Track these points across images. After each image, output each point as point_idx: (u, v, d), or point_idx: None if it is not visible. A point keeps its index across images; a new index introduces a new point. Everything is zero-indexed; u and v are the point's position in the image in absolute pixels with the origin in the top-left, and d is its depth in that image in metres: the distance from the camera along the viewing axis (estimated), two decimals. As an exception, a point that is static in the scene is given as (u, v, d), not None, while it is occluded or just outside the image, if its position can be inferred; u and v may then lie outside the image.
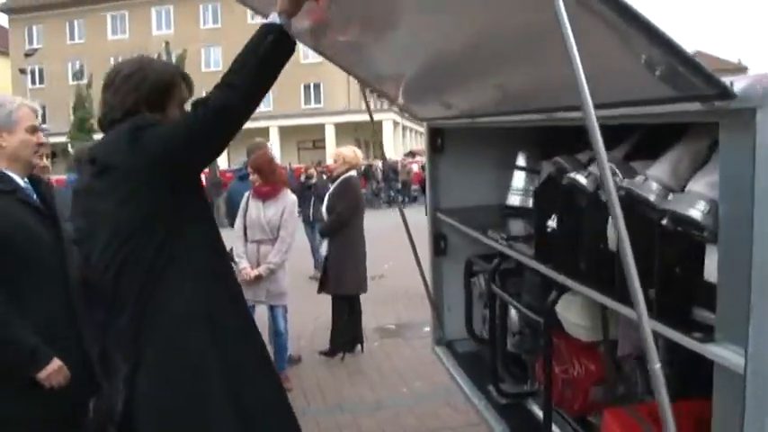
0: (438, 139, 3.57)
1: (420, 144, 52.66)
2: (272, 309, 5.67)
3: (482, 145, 3.61)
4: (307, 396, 5.56)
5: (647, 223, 1.61)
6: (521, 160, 3.45)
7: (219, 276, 2.26)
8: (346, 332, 6.47)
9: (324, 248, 6.43)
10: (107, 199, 2.15)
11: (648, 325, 1.22)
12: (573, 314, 2.37)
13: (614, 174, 1.76)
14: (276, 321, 5.69)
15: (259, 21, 2.16)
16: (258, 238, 5.46)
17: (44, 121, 27.75)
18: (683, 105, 1.33)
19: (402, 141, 47.24)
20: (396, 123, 45.98)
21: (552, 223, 2.20)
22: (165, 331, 2.13)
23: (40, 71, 44.80)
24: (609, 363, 2.41)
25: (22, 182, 2.69)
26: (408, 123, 52.80)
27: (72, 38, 47.29)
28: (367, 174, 26.26)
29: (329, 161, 33.25)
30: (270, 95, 44.41)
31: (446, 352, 3.68)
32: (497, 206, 3.57)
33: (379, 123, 43.41)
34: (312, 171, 11.46)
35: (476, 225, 3.22)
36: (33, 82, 42.14)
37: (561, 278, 2.10)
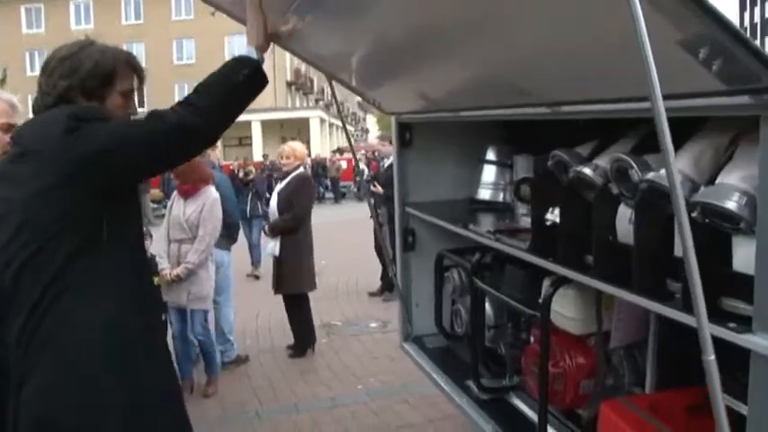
0: (406, 134, 3.53)
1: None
2: (191, 312, 5.34)
3: (450, 139, 3.59)
4: (259, 397, 5.44)
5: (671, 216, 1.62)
6: (490, 154, 3.44)
7: (136, 303, 2.02)
8: (306, 327, 6.37)
9: (271, 247, 6.23)
10: (23, 186, 1.91)
11: (706, 321, 1.21)
12: (565, 307, 2.37)
13: (630, 167, 1.75)
14: (193, 327, 5.39)
15: (182, 18, 2.12)
16: (179, 237, 5.23)
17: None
18: (729, 99, 1.32)
19: (329, 138, 47.08)
20: (322, 120, 45.84)
21: (552, 216, 2.19)
22: (62, 354, 1.89)
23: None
24: (601, 355, 2.43)
25: None
26: (335, 121, 52.67)
27: (-17, 31, 45.17)
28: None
29: (256, 158, 33.01)
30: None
31: (415, 348, 3.65)
32: (465, 200, 3.56)
33: (306, 120, 43.18)
34: (251, 167, 11.14)
35: (447, 219, 3.20)
36: None
37: (563, 271, 2.09)
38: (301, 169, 6.30)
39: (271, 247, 6.24)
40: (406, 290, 3.67)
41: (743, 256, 1.47)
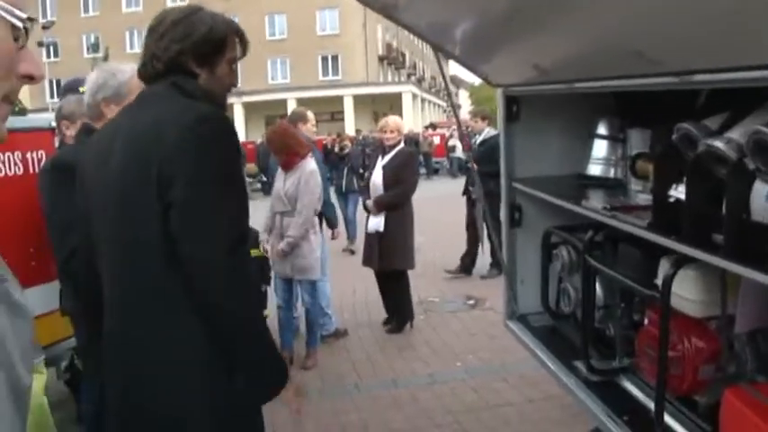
0: (513, 107, 3.43)
1: (439, 116, 52.34)
2: (299, 283, 5.56)
3: (557, 113, 3.47)
4: (358, 371, 5.50)
5: None
6: (601, 128, 3.31)
7: None
8: (405, 303, 6.37)
9: (375, 223, 6.14)
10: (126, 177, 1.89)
11: None
12: (686, 289, 2.26)
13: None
14: (302, 296, 5.62)
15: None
16: (280, 209, 5.38)
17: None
18: None
19: (421, 114, 46.93)
20: (414, 96, 45.80)
21: (676, 193, 2.08)
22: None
23: (55, 45, 44.69)
24: (723, 340, 2.30)
25: None
26: (427, 96, 52.56)
27: (86, 11, 47.11)
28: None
29: (349, 132, 33.22)
30: (287, 67, 44.47)
31: (520, 326, 3.57)
32: (573, 176, 3.45)
33: (398, 95, 43.20)
34: (347, 141, 11.18)
35: (555, 195, 3.11)
36: (48, 56, 41.90)
37: (687, 250, 1.98)
38: (403, 144, 6.26)
39: (375, 222, 6.13)
40: (512, 267, 3.59)
41: None
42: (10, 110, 0.93)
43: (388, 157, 6.19)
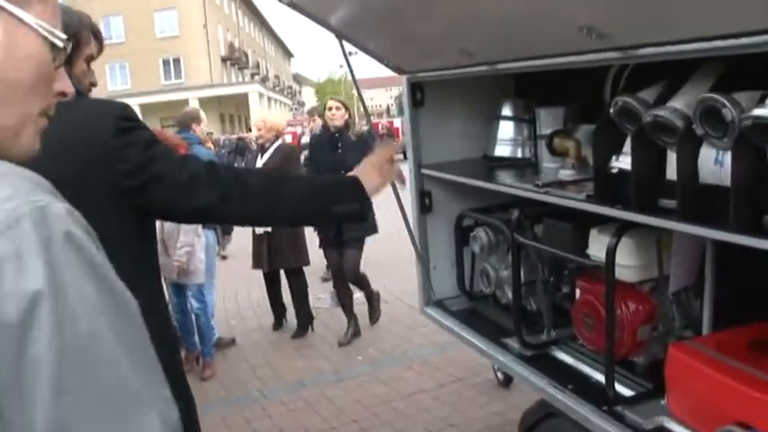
0: (417, 93, 3.44)
1: (287, 115, 52.10)
2: (185, 287, 5.40)
3: (459, 98, 3.52)
4: (260, 377, 5.34)
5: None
6: (506, 110, 3.39)
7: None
8: (306, 304, 6.24)
9: None
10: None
11: None
12: (625, 256, 2.35)
13: (723, 106, 1.72)
14: (189, 301, 5.46)
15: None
16: None
17: None
18: None
19: (269, 112, 46.43)
20: (261, 95, 45.24)
21: (618, 164, 2.16)
22: None
23: None
24: (660, 301, 2.42)
25: None
26: (273, 95, 52.11)
27: None
28: (239, 148, 25.75)
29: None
30: (126, 72, 42.58)
31: (439, 312, 3.58)
32: (480, 159, 3.52)
33: (245, 95, 42.55)
34: (209, 144, 10.67)
35: (470, 177, 3.15)
36: None
37: (637, 217, 2.05)
38: (280, 140, 6.13)
39: None
40: (425, 254, 3.60)
41: None
42: (46, 124, 0.98)
43: (267, 155, 6.06)
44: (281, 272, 6.21)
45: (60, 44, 0.94)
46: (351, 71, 3.37)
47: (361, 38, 3.20)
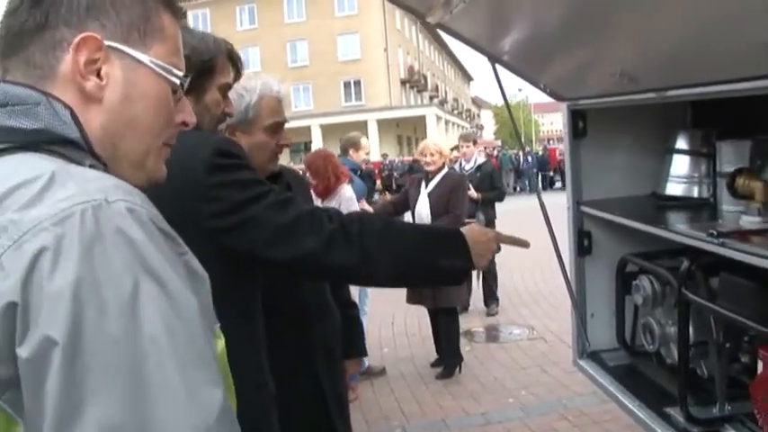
0: (579, 123, 3.10)
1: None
2: None
3: (626, 127, 3.15)
4: (405, 411, 5.11)
5: None
6: (681, 142, 2.97)
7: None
8: (455, 344, 5.91)
9: None
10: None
11: None
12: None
13: None
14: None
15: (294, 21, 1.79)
16: None
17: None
18: None
19: (445, 135, 46.70)
20: (438, 117, 45.64)
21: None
22: None
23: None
24: None
25: None
26: (450, 117, 52.44)
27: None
28: (412, 170, 25.93)
29: (373, 158, 32.93)
30: (310, 94, 44.55)
31: (593, 365, 3.20)
32: (648, 197, 3.11)
33: (422, 118, 43.06)
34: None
35: (634, 218, 2.76)
36: None
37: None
38: (447, 168, 5.85)
39: None
40: (581, 300, 3.23)
41: None
42: (168, 153, 1.04)
43: (432, 184, 5.74)
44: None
45: (177, 81, 1.00)
46: (503, 94, 3.09)
47: (515, 61, 2.92)
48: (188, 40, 1.57)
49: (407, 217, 5.95)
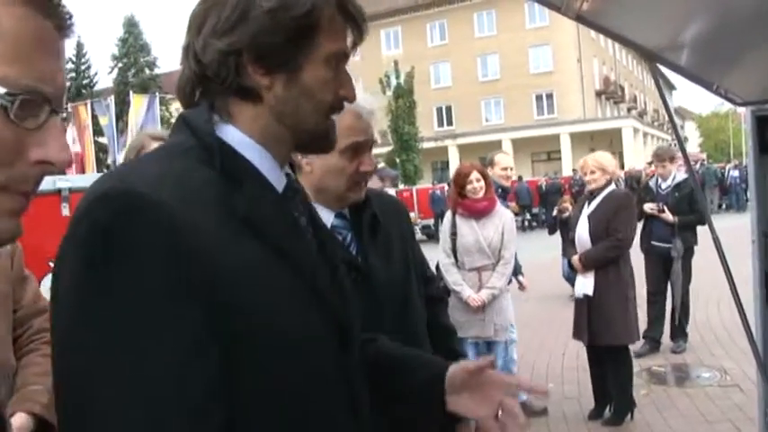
0: (767, 131, 2.42)
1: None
2: (493, 344, 4.85)
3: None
4: (562, 462, 4.52)
5: None
6: None
7: None
8: (626, 389, 5.09)
9: (581, 284, 5.01)
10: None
11: None
12: None
13: None
14: (499, 358, 4.83)
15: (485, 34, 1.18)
16: (479, 264, 4.73)
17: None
18: None
19: (643, 149, 44.10)
20: (636, 130, 43.32)
21: None
22: None
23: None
24: None
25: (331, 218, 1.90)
26: (650, 130, 49.62)
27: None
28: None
29: (564, 173, 31.56)
30: (501, 107, 43.89)
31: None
32: None
33: (618, 131, 41.04)
34: (566, 204, 8.46)
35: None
36: None
37: None
38: (613, 186, 5.15)
39: (583, 284, 4.99)
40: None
41: None
42: (16, 205, 0.81)
43: (594, 204, 5.10)
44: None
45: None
46: (664, 100, 2.49)
47: (680, 58, 2.31)
48: None
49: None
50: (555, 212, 9.02)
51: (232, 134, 1.11)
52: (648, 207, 6.76)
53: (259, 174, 1.11)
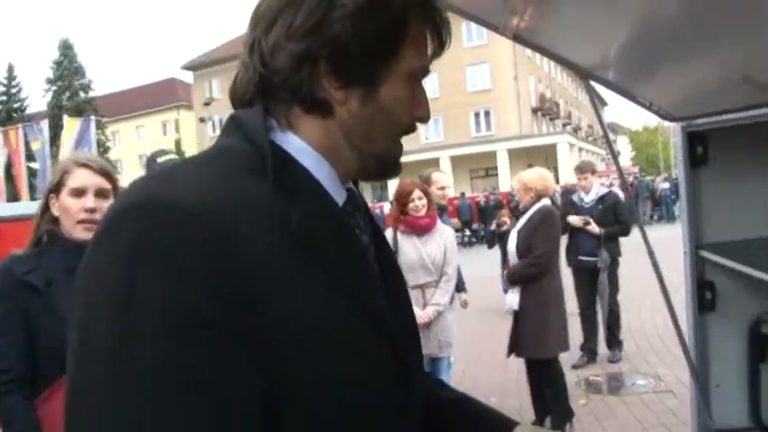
0: (698, 147, 2.52)
1: (598, 166, 50.33)
2: (437, 360, 4.81)
3: (762, 152, 2.53)
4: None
5: None
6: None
7: None
8: (561, 399, 5.15)
9: (509, 299, 5.15)
10: None
11: None
12: None
13: None
14: (442, 374, 4.79)
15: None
16: (422, 281, 4.67)
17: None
18: None
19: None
20: (571, 145, 44.23)
21: None
22: None
23: (220, 121, 46.53)
24: None
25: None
26: (584, 145, 50.75)
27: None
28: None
29: (502, 188, 31.98)
30: (440, 125, 44.27)
31: (719, 448, 2.58)
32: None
33: (554, 146, 41.84)
34: (505, 218, 8.67)
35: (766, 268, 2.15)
36: (214, 130, 43.42)
37: None
38: (543, 202, 5.20)
39: (510, 298, 5.14)
40: (703, 367, 2.62)
41: None
42: None
43: (522, 220, 5.23)
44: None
45: None
46: (599, 116, 2.57)
47: (614, 76, 2.39)
48: None
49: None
50: (493, 226, 9.19)
51: (292, 142, 0.98)
52: (573, 220, 6.92)
53: (318, 184, 0.97)
